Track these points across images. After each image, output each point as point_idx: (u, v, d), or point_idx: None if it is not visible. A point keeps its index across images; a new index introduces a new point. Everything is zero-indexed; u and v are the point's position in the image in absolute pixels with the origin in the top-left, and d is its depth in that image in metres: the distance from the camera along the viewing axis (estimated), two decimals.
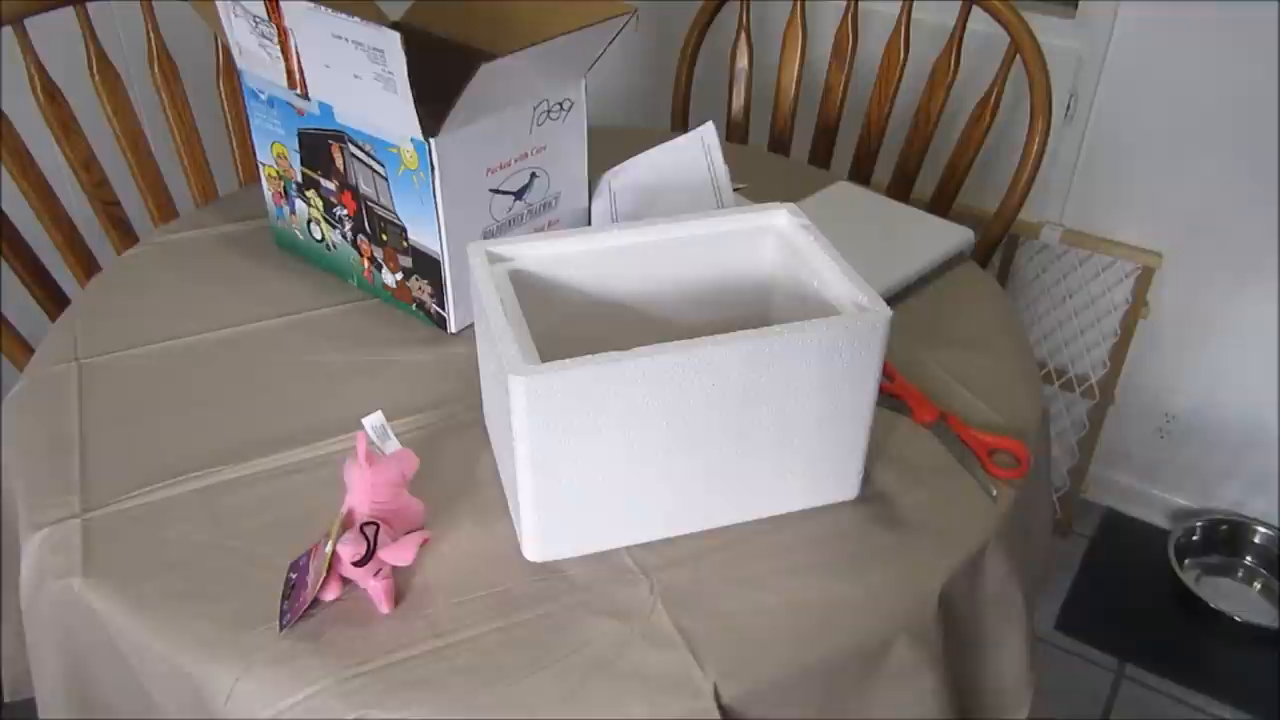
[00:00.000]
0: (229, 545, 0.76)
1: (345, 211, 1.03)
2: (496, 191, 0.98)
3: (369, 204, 0.99)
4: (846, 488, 0.81)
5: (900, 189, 1.49)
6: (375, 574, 0.70)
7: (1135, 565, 1.87)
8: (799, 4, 1.52)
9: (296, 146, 1.04)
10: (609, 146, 1.14)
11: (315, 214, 1.07)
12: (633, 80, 2.10)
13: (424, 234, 0.96)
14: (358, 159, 0.97)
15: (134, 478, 0.82)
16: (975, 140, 1.41)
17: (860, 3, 1.50)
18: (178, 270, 1.11)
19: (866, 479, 0.82)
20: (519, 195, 1.01)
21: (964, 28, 1.41)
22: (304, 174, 1.05)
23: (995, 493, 0.82)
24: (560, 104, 1.01)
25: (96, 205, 1.32)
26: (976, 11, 1.39)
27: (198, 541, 0.77)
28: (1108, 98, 1.68)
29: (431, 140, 0.89)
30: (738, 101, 1.59)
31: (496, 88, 0.91)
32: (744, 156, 1.37)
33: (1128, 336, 1.79)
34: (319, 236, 1.08)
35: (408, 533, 0.72)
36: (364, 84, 0.89)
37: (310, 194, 1.06)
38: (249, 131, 1.09)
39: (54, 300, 1.27)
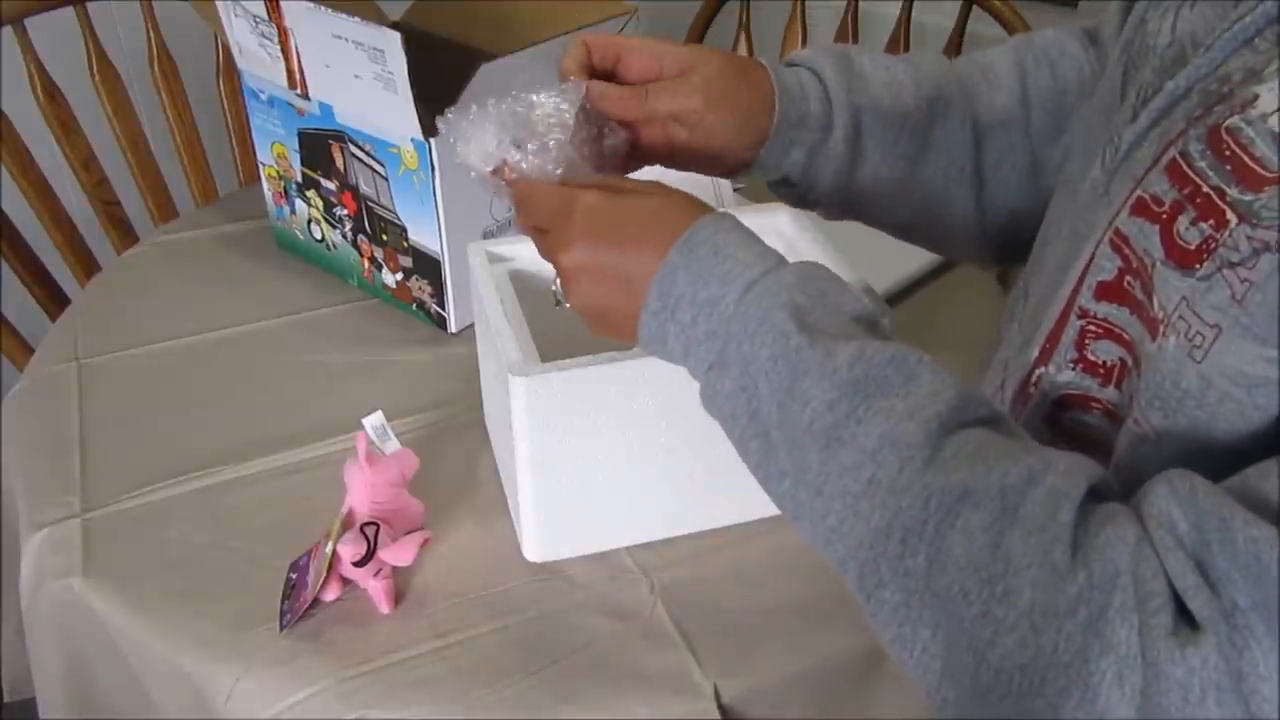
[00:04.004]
0: (229, 545, 0.76)
1: (345, 211, 1.03)
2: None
3: (369, 204, 0.99)
4: None
5: None
6: (375, 574, 0.70)
7: None
8: (799, 4, 1.52)
9: (296, 146, 1.04)
10: None
11: (315, 214, 1.07)
12: None
13: (424, 234, 0.96)
14: (358, 159, 0.97)
15: (134, 478, 0.82)
16: None
17: (860, 3, 1.50)
18: (178, 270, 1.11)
19: None
20: None
21: (964, 28, 1.41)
22: (304, 174, 1.05)
23: None
24: None
25: (96, 205, 1.32)
26: (976, 11, 1.39)
27: (198, 541, 0.77)
28: None
29: (431, 140, 0.89)
30: None
31: (496, 88, 0.91)
32: None
33: None
34: (319, 236, 1.08)
35: (408, 533, 0.72)
36: (364, 84, 0.89)
37: (310, 194, 1.06)
38: (249, 131, 1.09)
39: (54, 300, 1.27)
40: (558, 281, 0.60)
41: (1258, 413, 0.43)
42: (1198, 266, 0.45)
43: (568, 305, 0.60)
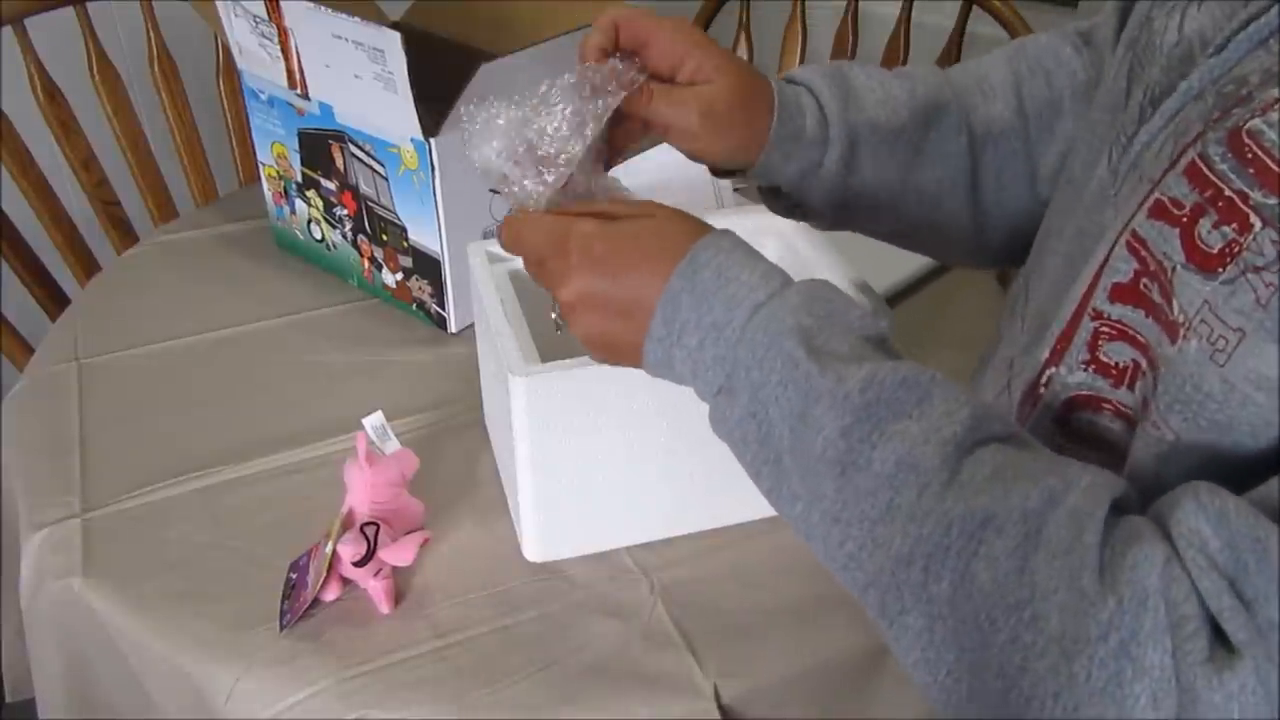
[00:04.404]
0: (229, 545, 0.76)
1: (345, 211, 1.03)
2: (496, 191, 0.98)
3: (369, 204, 0.99)
4: None
5: None
6: (375, 574, 0.70)
7: None
8: (799, 4, 1.52)
9: (296, 146, 1.04)
10: None
11: (315, 214, 1.07)
12: None
13: (424, 234, 0.96)
14: (358, 159, 0.97)
15: (134, 478, 0.82)
16: None
17: (860, 3, 1.50)
18: (178, 270, 1.11)
19: None
20: None
21: (964, 28, 1.41)
22: (304, 174, 1.05)
23: None
24: None
25: (96, 205, 1.32)
26: (976, 11, 1.39)
27: (198, 541, 0.77)
28: None
29: (431, 140, 0.89)
30: None
31: (496, 88, 0.91)
32: None
33: None
34: (319, 236, 1.08)
35: (408, 533, 0.72)
36: (364, 84, 0.89)
37: (310, 194, 1.06)
38: (249, 131, 1.09)
39: (54, 300, 1.27)
40: (558, 309, 0.59)
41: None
42: (1220, 270, 0.44)
43: (569, 333, 0.59)
